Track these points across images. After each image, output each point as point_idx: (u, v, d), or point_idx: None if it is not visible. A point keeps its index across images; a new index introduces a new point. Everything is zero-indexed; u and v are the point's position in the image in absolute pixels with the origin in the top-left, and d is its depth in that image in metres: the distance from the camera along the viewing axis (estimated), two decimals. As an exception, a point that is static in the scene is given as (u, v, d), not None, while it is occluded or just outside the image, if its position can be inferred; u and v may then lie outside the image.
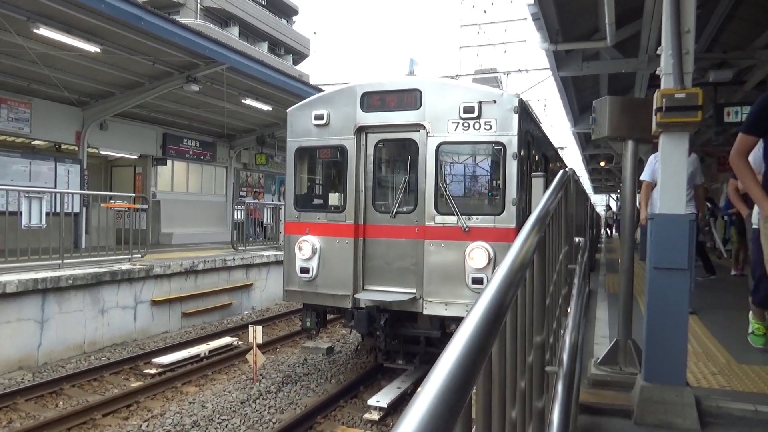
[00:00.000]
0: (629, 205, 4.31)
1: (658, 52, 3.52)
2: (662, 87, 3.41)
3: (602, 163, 22.54)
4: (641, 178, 6.60)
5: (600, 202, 44.07)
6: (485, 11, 45.23)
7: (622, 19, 7.47)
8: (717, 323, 6.14)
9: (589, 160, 24.46)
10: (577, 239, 4.31)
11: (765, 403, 3.47)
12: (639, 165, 5.25)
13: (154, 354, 8.68)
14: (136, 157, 16.70)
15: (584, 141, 18.89)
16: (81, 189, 13.27)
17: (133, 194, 13.60)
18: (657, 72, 3.53)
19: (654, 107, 3.41)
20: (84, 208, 13.15)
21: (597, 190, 42.95)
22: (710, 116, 8.93)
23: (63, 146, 14.11)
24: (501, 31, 71.54)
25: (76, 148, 13.87)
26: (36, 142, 13.88)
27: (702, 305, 6.90)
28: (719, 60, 8.42)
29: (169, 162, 17.45)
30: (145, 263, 10.29)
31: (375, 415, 6.28)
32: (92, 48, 10.15)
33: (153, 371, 8.01)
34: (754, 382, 4.05)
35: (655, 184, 4.61)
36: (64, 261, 9.25)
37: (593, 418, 3.41)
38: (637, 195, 6.17)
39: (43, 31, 9.33)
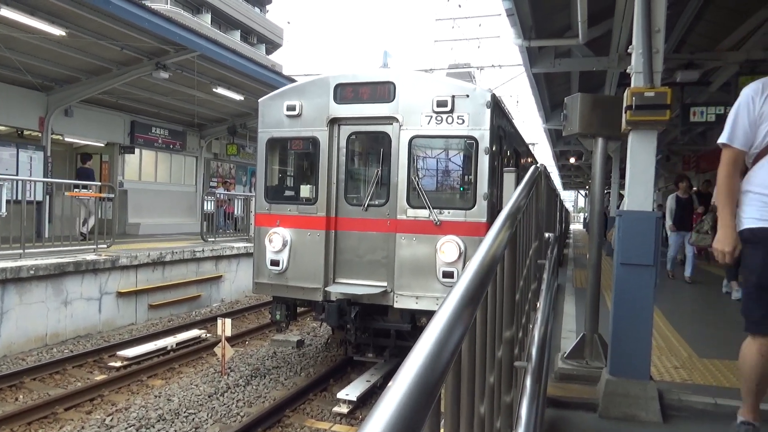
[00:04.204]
0: (598, 201, 4.37)
1: (629, 50, 3.57)
2: (632, 85, 3.46)
3: (572, 160, 22.88)
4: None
5: (569, 198, 44.78)
6: (460, 6, 45.32)
7: (594, 17, 7.57)
8: (680, 318, 6.30)
9: (560, 157, 24.80)
10: (546, 235, 4.35)
11: (724, 396, 3.57)
12: (608, 162, 5.27)
13: (119, 347, 8.50)
14: (102, 145, 16.27)
15: (555, 137, 19.14)
16: (44, 177, 12.88)
17: (99, 183, 13.27)
18: (627, 70, 3.59)
19: (624, 105, 3.46)
20: (47, 197, 12.77)
21: (566, 186, 43.62)
22: (677, 115, 9.13)
23: (25, 132, 13.65)
24: (475, 26, 71.98)
25: (40, 135, 13.44)
26: (-4, 128, 13.42)
27: (665, 301, 7.07)
28: (687, 61, 8.60)
29: (137, 150, 17.03)
30: (110, 254, 10.06)
31: (344, 409, 6.27)
32: (57, 31, 9.82)
33: (118, 364, 7.85)
34: (714, 375, 4.16)
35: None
36: (26, 251, 8.97)
37: (559, 412, 3.46)
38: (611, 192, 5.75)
39: (5, 12, 8.98)
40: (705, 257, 11.21)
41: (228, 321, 7.30)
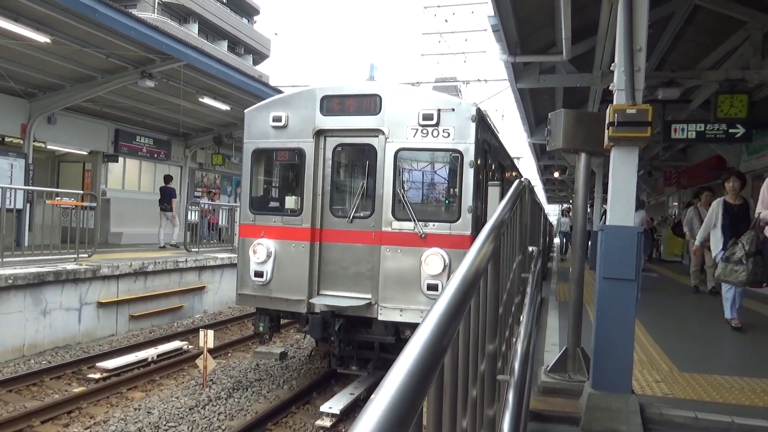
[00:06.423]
0: (581, 215, 4.42)
1: (611, 68, 3.64)
2: (614, 102, 3.52)
3: (556, 174, 23.08)
4: None
5: (554, 212, 45.20)
6: (446, 20, 45.80)
7: (578, 35, 7.68)
8: (661, 332, 6.36)
9: (544, 171, 25.02)
10: (530, 248, 4.38)
11: (704, 410, 3.60)
12: (591, 176, 5.28)
13: (99, 358, 8.36)
14: (85, 153, 16.12)
15: (539, 152, 19.32)
16: (25, 184, 12.70)
17: (82, 191, 13.12)
18: (610, 87, 3.65)
19: (606, 121, 3.52)
20: (28, 205, 12.58)
21: (551, 200, 44.01)
22: (658, 132, 9.27)
23: (7, 139, 13.47)
24: (462, 40, 72.74)
25: (21, 142, 13.27)
26: (-24, 134, 13.21)
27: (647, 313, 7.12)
28: (668, 79, 8.74)
29: (120, 159, 16.91)
30: (91, 263, 9.92)
31: (327, 422, 6.22)
32: (42, 38, 9.74)
33: (97, 376, 7.71)
34: (695, 389, 4.20)
35: None
36: (4, 260, 8.82)
37: (542, 425, 3.46)
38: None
39: (-11, 19, 8.91)
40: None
41: (210, 332, 7.22)
